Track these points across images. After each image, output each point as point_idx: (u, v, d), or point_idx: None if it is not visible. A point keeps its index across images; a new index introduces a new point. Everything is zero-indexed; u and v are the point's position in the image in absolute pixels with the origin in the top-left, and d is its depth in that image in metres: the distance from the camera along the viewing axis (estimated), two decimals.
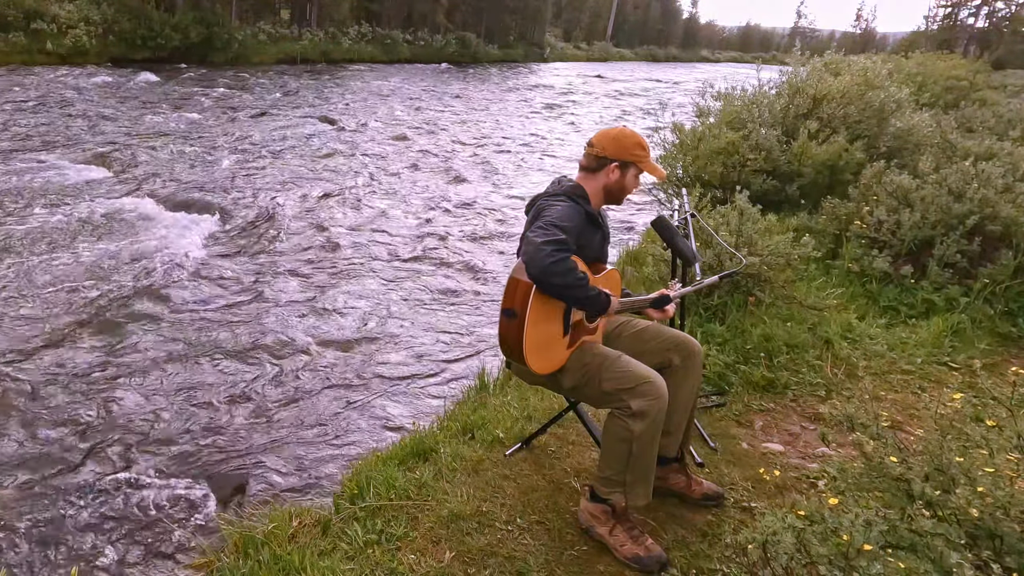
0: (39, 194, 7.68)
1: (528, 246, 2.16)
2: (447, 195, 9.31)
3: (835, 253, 5.40)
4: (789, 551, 1.62)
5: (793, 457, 3.04)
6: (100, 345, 4.51)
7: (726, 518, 2.56)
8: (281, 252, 6.58)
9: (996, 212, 4.70)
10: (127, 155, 9.88)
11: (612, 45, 64.41)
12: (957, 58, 23.73)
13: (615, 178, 2.42)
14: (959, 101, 13.70)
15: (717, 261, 4.07)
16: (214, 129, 12.73)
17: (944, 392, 3.57)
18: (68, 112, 13.05)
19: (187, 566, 2.65)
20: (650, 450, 2.27)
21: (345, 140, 12.78)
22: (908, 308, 4.62)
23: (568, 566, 2.30)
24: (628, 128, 2.52)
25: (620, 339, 2.57)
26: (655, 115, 18.89)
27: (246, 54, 27.07)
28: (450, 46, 39.73)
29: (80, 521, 2.94)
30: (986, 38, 46.51)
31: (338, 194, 8.89)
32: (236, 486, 3.24)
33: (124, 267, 5.77)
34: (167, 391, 4.03)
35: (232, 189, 8.64)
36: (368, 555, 2.28)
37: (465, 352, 4.81)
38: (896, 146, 7.32)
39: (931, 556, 1.55)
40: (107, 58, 22.48)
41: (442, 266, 6.58)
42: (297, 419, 3.84)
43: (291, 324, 5.03)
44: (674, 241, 2.78)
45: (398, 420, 3.89)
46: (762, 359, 3.73)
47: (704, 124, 7.33)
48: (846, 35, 79.54)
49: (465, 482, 2.70)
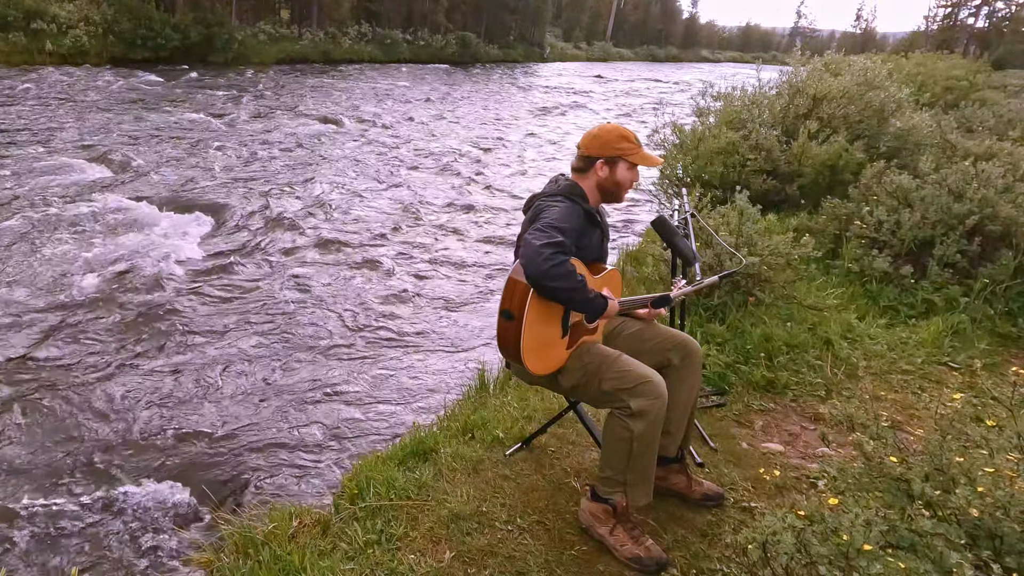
0: (38, 194, 7.67)
1: (526, 248, 2.15)
2: (446, 195, 9.31)
3: (835, 253, 5.40)
4: (789, 551, 1.62)
5: (793, 457, 3.04)
6: (99, 345, 4.51)
7: (726, 518, 2.56)
8: (280, 252, 6.58)
9: (996, 212, 4.70)
10: (127, 155, 9.87)
11: (612, 45, 64.40)
12: (957, 58, 23.75)
13: (604, 175, 2.40)
14: (959, 101, 13.69)
15: (717, 261, 4.07)
16: (214, 129, 12.72)
17: (944, 392, 3.57)
18: (68, 112, 13.04)
19: (187, 566, 2.65)
20: (650, 450, 2.27)
21: (345, 140, 12.78)
22: (908, 308, 4.62)
23: (568, 566, 2.30)
24: (611, 123, 2.51)
25: (620, 339, 2.57)
26: (655, 115, 18.89)
27: (246, 54, 27.05)
28: (450, 46, 39.71)
29: (80, 521, 2.94)
30: (986, 38, 46.50)
31: (338, 194, 8.89)
32: (236, 486, 3.24)
33: (122, 267, 5.76)
34: (167, 391, 4.02)
35: (231, 189, 8.63)
36: (368, 555, 2.28)
37: (465, 352, 4.81)
38: (896, 146, 7.31)
39: (931, 556, 1.54)
40: (107, 58, 22.47)
41: (442, 266, 6.58)
42: (297, 419, 3.84)
43: (291, 324, 5.02)
44: (674, 241, 2.78)
45: (398, 420, 3.89)
46: (762, 359, 3.73)
47: (704, 124, 7.33)
48: (846, 35, 79.60)
49: (465, 482, 2.70)
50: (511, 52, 46.08)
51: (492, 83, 28.22)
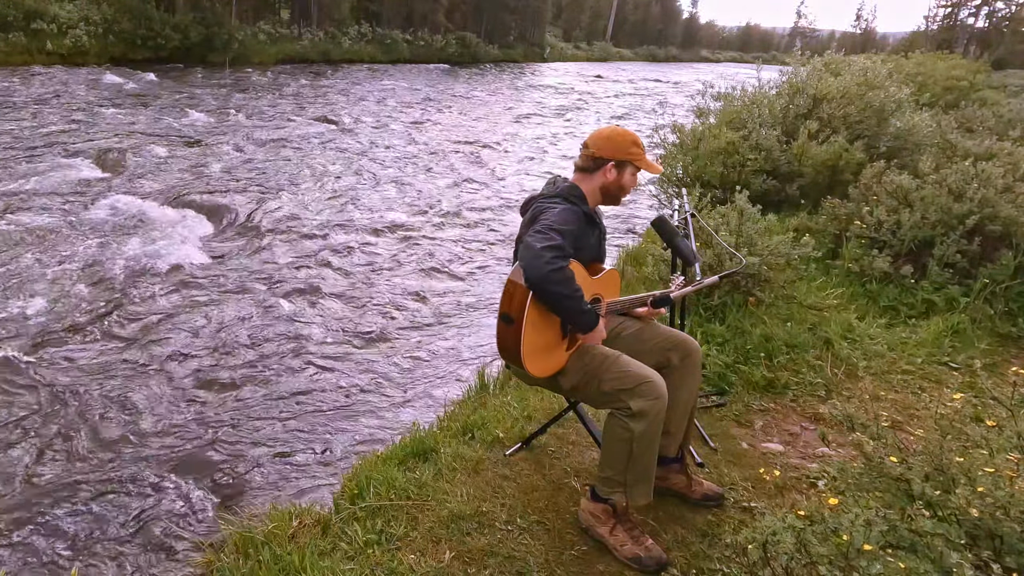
0: (37, 194, 7.67)
1: (526, 251, 2.14)
2: (446, 195, 9.31)
3: (835, 253, 5.40)
4: (789, 551, 1.62)
5: (793, 457, 3.04)
6: (99, 345, 4.51)
7: (726, 518, 2.56)
8: (280, 253, 6.58)
9: (996, 212, 4.70)
10: (126, 155, 9.88)
11: (612, 45, 64.36)
12: (957, 58, 23.74)
13: (612, 178, 2.40)
14: (959, 101, 13.71)
15: (717, 261, 4.07)
16: (214, 129, 12.72)
17: (944, 392, 3.57)
18: (67, 112, 13.04)
19: (187, 566, 2.65)
20: (650, 450, 2.27)
21: (345, 140, 12.77)
22: (908, 308, 4.62)
23: (568, 566, 2.30)
24: (622, 127, 2.51)
25: (619, 339, 2.57)
26: (655, 115, 18.89)
27: (246, 54, 27.02)
28: (450, 46, 39.69)
29: (80, 521, 2.94)
30: (986, 38, 46.51)
31: (338, 194, 8.89)
32: (236, 486, 3.24)
33: (122, 267, 5.76)
34: (166, 391, 4.02)
35: (232, 189, 8.63)
36: (368, 555, 2.28)
37: (465, 351, 4.81)
38: (896, 146, 7.32)
39: (931, 556, 1.54)
40: (107, 58, 22.43)
41: (442, 265, 6.58)
42: (297, 419, 3.84)
43: (291, 324, 5.03)
44: (674, 241, 2.78)
45: (398, 420, 3.89)
46: (762, 359, 3.73)
47: (704, 124, 7.33)
48: (846, 35, 79.47)
49: (465, 482, 2.70)
50: (511, 52, 46.05)
51: (492, 83, 28.22)
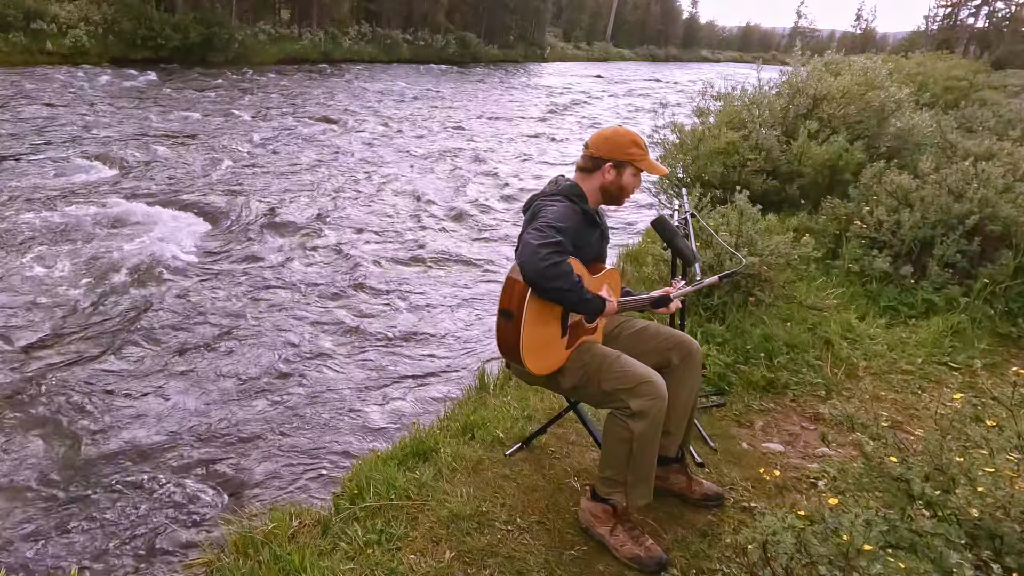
0: (37, 193, 7.68)
1: (524, 248, 2.15)
2: (446, 194, 9.31)
3: (835, 253, 5.40)
4: (789, 551, 1.62)
5: (793, 457, 3.04)
6: (98, 345, 4.51)
7: (726, 518, 2.56)
8: (279, 252, 6.57)
9: (996, 212, 4.70)
10: (126, 155, 9.87)
11: (612, 45, 64.40)
12: (957, 58, 23.75)
13: (611, 178, 2.40)
14: (959, 101, 13.69)
15: (717, 261, 4.07)
16: (214, 129, 12.72)
17: (944, 392, 3.57)
18: (67, 112, 13.04)
19: (187, 566, 2.65)
20: (650, 450, 2.27)
21: (345, 140, 12.77)
22: (908, 308, 4.62)
23: (568, 566, 2.30)
24: (623, 127, 2.50)
25: (619, 339, 2.57)
26: (655, 115, 18.88)
27: (246, 54, 27.05)
28: (450, 46, 39.72)
29: (80, 521, 2.94)
30: (986, 38, 46.51)
31: (337, 194, 8.89)
32: (236, 486, 3.23)
33: (122, 267, 5.76)
34: (165, 391, 4.02)
35: (232, 189, 8.63)
36: (368, 555, 2.28)
37: (465, 352, 4.81)
38: (896, 146, 7.31)
39: (931, 556, 1.55)
40: (107, 58, 22.46)
41: (441, 265, 6.58)
42: (297, 419, 3.84)
43: (291, 324, 5.02)
44: (674, 241, 2.78)
45: (398, 420, 3.89)
46: (762, 359, 3.73)
47: (704, 124, 7.32)
48: (846, 35, 79.46)
49: (465, 482, 2.69)
50: (511, 52, 46.07)
51: (492, 83, 28.23)
